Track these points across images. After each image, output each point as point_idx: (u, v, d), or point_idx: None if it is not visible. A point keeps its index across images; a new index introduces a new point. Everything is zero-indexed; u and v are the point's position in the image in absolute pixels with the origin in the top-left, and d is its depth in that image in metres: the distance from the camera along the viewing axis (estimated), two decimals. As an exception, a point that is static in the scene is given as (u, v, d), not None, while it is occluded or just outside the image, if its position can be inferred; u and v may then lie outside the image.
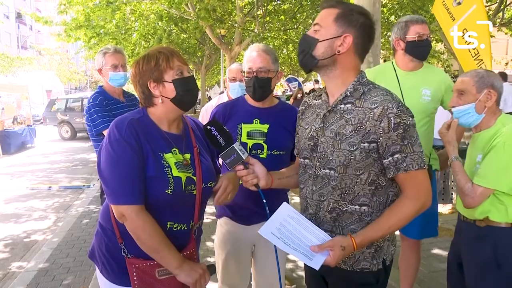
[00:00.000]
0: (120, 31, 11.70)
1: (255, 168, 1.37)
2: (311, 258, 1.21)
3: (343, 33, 1.22)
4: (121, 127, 1.27)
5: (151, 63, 1.31)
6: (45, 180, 7.23)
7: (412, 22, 2.21)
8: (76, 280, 3.16)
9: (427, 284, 2.90)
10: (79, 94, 18.79)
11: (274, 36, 13.10)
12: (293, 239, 1.24)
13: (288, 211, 1.29)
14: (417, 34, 2.19)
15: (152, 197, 1.28)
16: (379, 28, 3.78)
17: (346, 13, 1.22)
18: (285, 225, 1.26)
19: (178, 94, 1.32)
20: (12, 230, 4.56)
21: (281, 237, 1.25)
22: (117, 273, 1.34)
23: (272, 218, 1.28)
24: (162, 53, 1.32)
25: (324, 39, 1.23)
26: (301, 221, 1.27)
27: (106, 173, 1.27)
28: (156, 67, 1.31)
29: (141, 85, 1.34)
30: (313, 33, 1.26)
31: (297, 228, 1.26)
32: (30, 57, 28.51)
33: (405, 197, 1.23)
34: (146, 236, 1.26)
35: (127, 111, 2.79)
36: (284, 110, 1.86)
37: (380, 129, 1.18)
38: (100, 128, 2.37)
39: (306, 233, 1.25)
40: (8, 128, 10.81)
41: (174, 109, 1.35)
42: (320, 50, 1.24)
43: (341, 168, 1.24)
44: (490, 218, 1.64)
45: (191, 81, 1.36)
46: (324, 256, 1.21)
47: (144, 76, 1.32)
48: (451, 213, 4.51)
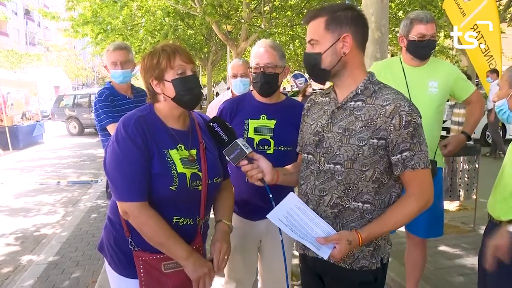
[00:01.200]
0: (127, 27, 11.73)
1: (260, 163, 1.38)
2: (319, 248, 1.23)
3: (340, 34, 1.22)
4: (127, 125, 1.29)
5: (153, 60, 1.32)
6: (53, 175, 7.32)
7: (417, 20, 2.17)
8: (85, 274, 3.21)
9: (433, 281, 2.89)
10: (87, 90, 18.93)
11: (280, 32, 13.04)
12: (300, 228, 1.25)
13: (294, 201, 1.29)
14: (418, 35, 2.15)
15: (156, 193, 1.29)
16: (387, 24, 3.74)
17: (333, 17, 1.23)
18: (292, 215, 1.27)
19: (178, 94, 1.32)
20: (22, 224, 4.63)
21: (289, 224, 1.26)
22: (124, 265, 1.37)
23: (279, 206, 1.28)
24: (164, 51, 1.32)
25: (325, 50, 1.24)
26: (307, 212, 1.27)
27: (111, 170, 1.29)
28: (158, 66, 1.31)
29: (145, 81, 1.36)
30: (312, 48, 1.27)
31: (303, 219, 1.26)
32: (38, 54, 28.79)
33: (409, 195, 1.24)
34: (151, 231, 1.28)
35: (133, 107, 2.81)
36: (291, 106, 1.86)
37: (391, 126, 1.18)
38: (104, 123, 2.41)
39: (312, 224, 1.26)
40: (17, 124, 10.94)
41: (177, 107, 1.36)
42: (327, 60, 1.25)
43: (348, 163, 1.24)
44: None
45: (192, 81, 1.34)
46: (330, 248, 1.22)
47: (147, 73, 1.34)
48: (458, 210, 4.48)
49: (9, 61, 23.89)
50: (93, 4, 9.79)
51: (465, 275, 2.97)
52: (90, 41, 12.07)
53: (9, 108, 11.02)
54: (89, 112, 13.48)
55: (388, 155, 1.22)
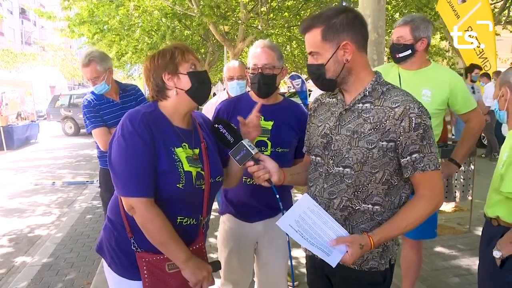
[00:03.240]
0: (124, 27, 11.67)
1: (266, 163, 1.36)
2: (329, 254, 1.20)
3: (339, 43, 1.21)
4: (134, 120, 1.28)
5: (166, 56, 1.34)
6: (48, 176, 7.27)
7: (397, 23, 2.22)
8: (79, 275, 3.18)
9: (429, 282, 2.89)
10: (83, 90, 18.82)
11: (278, 33, 13.04)
12: (311, 233, 1.22)
13: (309, 204, 1.26)
14: (395, 37, 2.18)
15: (163, 191, 1.29)
16: (384, 25, 3.75)
17: (328, 26, 1.21)
18: (304, 218, 1.24)
19: (193, 86, 1.34)
20: (16, 225, 4.59)
21: (299, 230, 1.22)
22: (126, 267, 1.35)
23: (292, 209, 1.25)
24: (177, 48, 1.36)
25: (327, 60, 1.23)
26: (321, 215, 1.24)
27: (117, 165, 1.27)
28: (172, 60, 1.33)
29: (155, 78, 1.35)
30: (314, 60, 1.26)
31: (316, 222, 1.23)
32: (34, 53, 28.61)
33: (420, 197, 1.23)
34: (155, 229, 1.27)
35: (118, 110, 2.80)
36: (288, 107, 1.86)
37: (401, 128, 1.18)
38: (88, 129, 2.52)
39: (326, 227, 1.22)
40: (12, 124, 10.84)
41: (188, 101, 1.36)
42: (331, 70, 1.24)
43: (357, 166, 1.23)
44: (500, 218, 1.60)
45: (204, 75, 1.39)
46: (342, 253, 1.19)
47: (158, 69, 1.34)
48: (454, 211, 4.50)
49: (4, 61, 23.72)
50: (90, 4, 9.75)
51: (461, 276, 2.99)
52: (86, 41, 12.02)
53: (4, 108, 10.93)
54: (85, 113, 13.39)
55: (397, 157, 1.21)
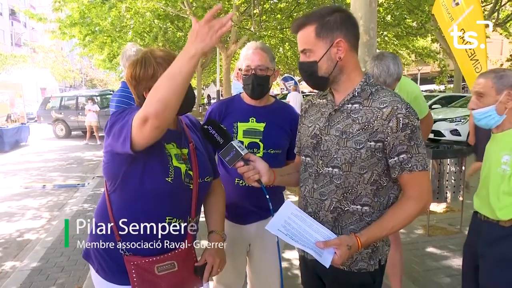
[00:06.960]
0: (115, 28, 11.62)
1: (256, 164, 1.36)
2: (321, 255, 1.21)
3: (333, 40, 1.22)
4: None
5: (148, 71, 1.28)
6: (39, 179, 7.17)
7: None
8: (70, 279, 3.13)
9: (421, 282, 2.91)
10: (74, 92, 18.69)
11: (270, 35, 13.10)
12: (299, 236, 1.23)
13: (291, 209, 1.27)
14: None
15: (152, 183, 1.28)
16: (375, 27, 3.79)
17: (322, 23, 1.22)
18: (290, 223, 1.25)
19: None
20: (5, 229, 4.50)
21: (288, 233, 1.24)
22: (115, 272, 1.33)
23: (276, 216, 1.26)
24: (160, 65, 1.26)
25: (321, 57, 1.23)
26: (305, 219, 1.26)
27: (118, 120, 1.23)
28: (154, 79, 1.24)
29: (137, 92, 1.32)
30: (306, 58, 1.26)
31: (302, 226, 1.24)
32: (24, 55, 28.29)
33: (408, 198, 1.24)
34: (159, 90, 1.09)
35: None
36: (280, 109, 1.86)
37: (388, 129, 1.18)
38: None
39: (311, 231, 1.24)
40: (2, 126, 10.70)
41: None
42: (324, 67, 1.24)
43: (346, 166, 1.24)
44: None
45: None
46: (331, 254, 1.20)
47: (139, 85, 1.30)
48: (446, 212, 4.54)
49: (-7, 62, 23.43)
50: (81, 5, 9.68)
51: (452, 276, 3.00)
52: (77, 42, 11.92)
53: (-7, 110, 10.79)
54: (76, 115, 13.26)
55: (385, 157, 1.22)
